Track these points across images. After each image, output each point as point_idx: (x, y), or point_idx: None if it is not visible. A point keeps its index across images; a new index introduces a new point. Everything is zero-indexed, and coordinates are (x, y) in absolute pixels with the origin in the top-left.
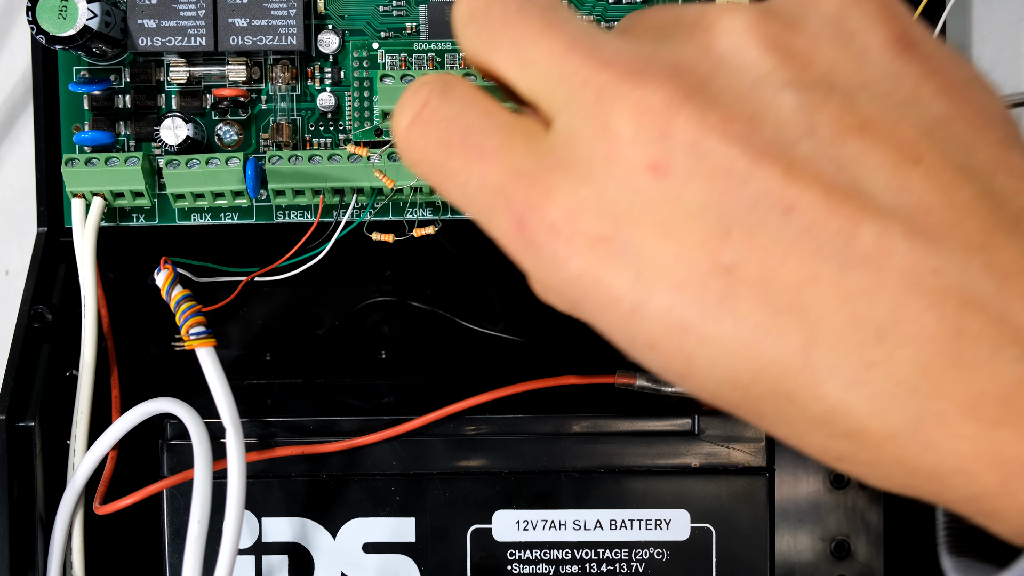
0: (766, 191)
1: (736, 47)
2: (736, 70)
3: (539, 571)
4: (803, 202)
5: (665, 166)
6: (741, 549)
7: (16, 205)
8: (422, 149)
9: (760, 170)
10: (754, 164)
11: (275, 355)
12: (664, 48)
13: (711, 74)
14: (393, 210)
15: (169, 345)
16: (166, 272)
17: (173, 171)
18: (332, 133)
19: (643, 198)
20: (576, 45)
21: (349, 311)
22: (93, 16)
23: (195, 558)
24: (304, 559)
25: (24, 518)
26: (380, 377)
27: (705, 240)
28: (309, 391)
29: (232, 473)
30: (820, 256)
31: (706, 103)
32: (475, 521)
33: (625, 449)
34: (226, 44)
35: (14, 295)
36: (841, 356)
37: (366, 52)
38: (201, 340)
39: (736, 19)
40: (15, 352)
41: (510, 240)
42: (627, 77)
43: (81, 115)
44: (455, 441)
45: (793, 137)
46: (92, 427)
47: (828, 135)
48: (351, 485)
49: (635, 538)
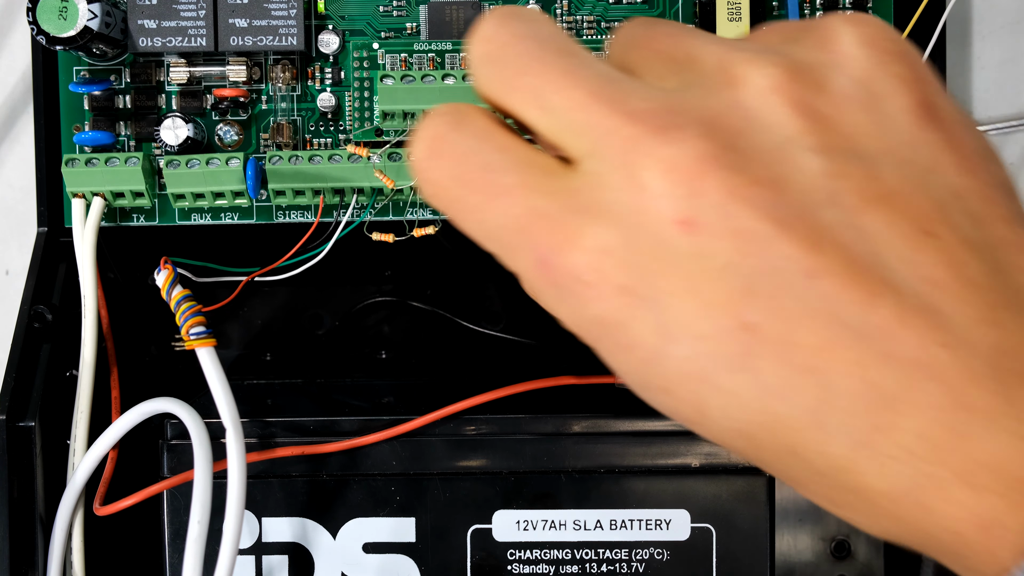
0: (790, 256)
1: (764, 106)
2: (764, 130)
3: (539, 571)
4: (825, 270)
5: (694, 222)
6: (741, 549)
7: (16, 205)
8: (438, 183)
9: (785, 235)
10: (779, 229)
11: (275, 355)
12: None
13: (740, 131)
14: (393, 210)
15: (169, 345)
16: (166, 272)
17: (173, 171)
18: (332, 133)
19: (670, 251)
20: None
21: (349, 311)
22: (93, 17)
23: (195, 558)
24: (304, 559)
25: (24, 518)
26: (380, 377)
27: (729, 297)
28: (309, 391)
29: (232, 473)
30: (838, 323)
31: (735, 163)
32: (475, 521)
33: (625, 449)
34: (226, 44)
35: (14, 295)
36: (850, 418)
37: (366, 52)
38: (201, 340)
39: (765, 77)
40: (15, 352)
41: (531, 278)
42: (656, 131)
43: (81, 115)
44: (455, 441)
45: (817, 204)
46: (92, 427)
47: (851, 204)
48: (351, 485)
49: (635, 538)
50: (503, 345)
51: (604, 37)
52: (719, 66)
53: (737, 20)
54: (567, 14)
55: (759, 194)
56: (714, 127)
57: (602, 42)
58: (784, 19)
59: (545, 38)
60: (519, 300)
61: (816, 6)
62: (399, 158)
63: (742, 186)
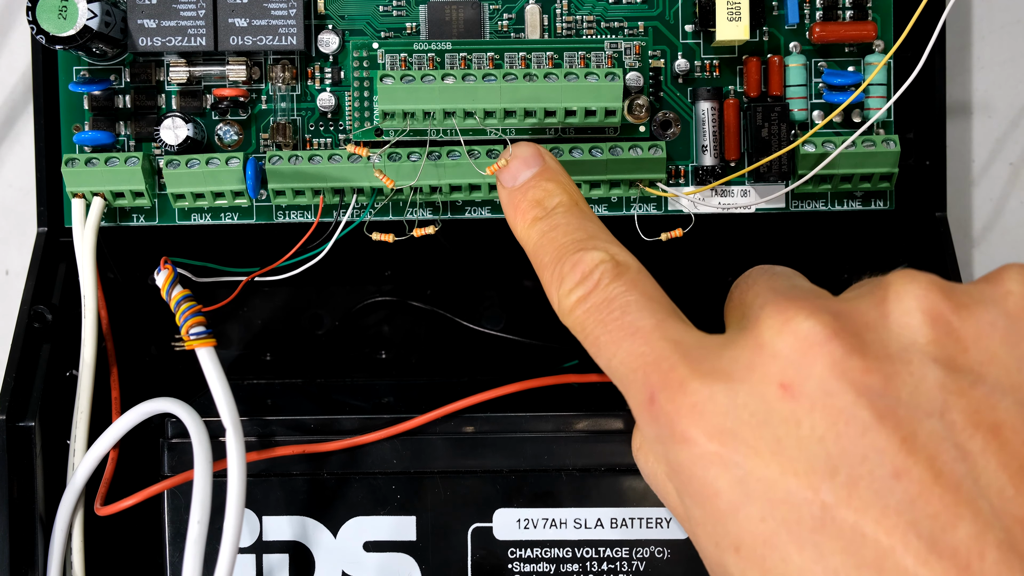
0: (881, 449)
1: (903, 309)
2: (896, 329)
3: (540, 570)
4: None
5: (796, 389)
6: None
7: (16, 205)
8: (583, 323)
9: (881, 428)
10: (877, 420)
11: (275, 355)
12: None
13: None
14: (393, 210)
15: (169, 345)
16: (166, 272)
17: (173, 171)
18: (332, 133)
19: (767, 411)
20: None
21: (349, 311)
22: (93, 16)
23: (195, 557)
24: (305, 558)
25: (24, 518)
26: (380, 377)
27: (811, 470)
28: (309, 391)
29: (232, 472)
30: (914, 531)
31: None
32: (476, 520)
33: (625, 448)
34: (226, 44)
35: (14, 295)
36: None
37: (366, 52)
38: (201, 340)
39: (913, 285)
40: (15, 352)
41: (639, 414)
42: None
43: (81, 115)
44: (456, 440)
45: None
46: (92, 427)
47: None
48: (352, 484)
49: (636, 536)
50: (503, 345)
51: (604, 37)
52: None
53: (737, 20)
54: (567, 14)
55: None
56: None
57: (602, 42)
58: (784, 20)
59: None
60: (519, 300)
61: (816, 7)
62: (399, 158)
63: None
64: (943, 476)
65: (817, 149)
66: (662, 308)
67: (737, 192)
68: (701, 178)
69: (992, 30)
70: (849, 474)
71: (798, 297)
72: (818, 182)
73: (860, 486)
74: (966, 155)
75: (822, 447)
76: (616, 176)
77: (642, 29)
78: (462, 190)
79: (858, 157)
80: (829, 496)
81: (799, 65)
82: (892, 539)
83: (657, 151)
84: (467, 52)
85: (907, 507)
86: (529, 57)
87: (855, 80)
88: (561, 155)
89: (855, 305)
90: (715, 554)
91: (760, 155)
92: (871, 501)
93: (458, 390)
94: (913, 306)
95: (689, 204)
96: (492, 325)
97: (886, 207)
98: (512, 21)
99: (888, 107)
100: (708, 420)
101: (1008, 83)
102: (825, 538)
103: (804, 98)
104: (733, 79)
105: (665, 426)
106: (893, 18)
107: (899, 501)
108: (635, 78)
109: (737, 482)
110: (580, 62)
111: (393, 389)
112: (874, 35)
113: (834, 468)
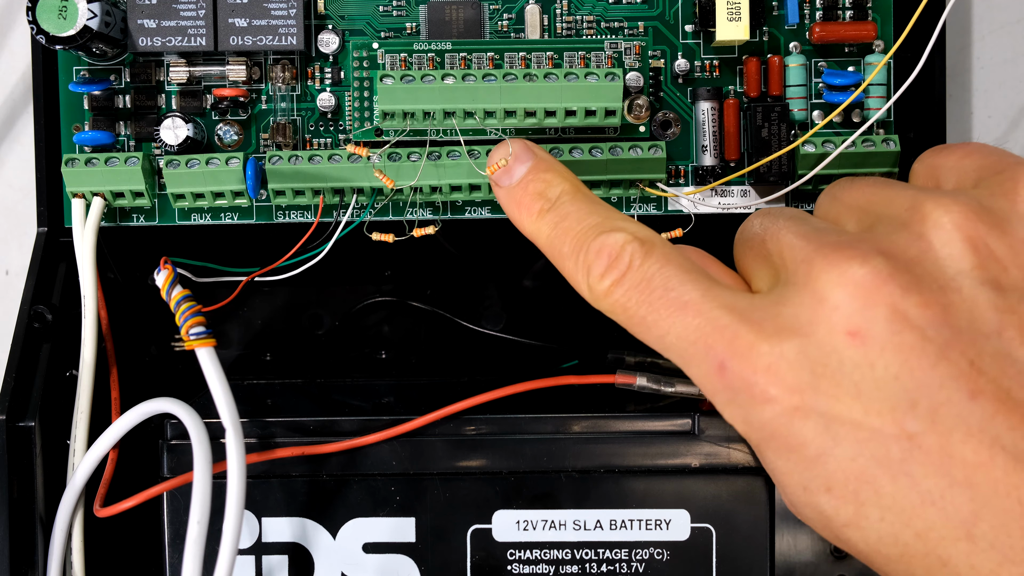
0: (955, 375)
1: (943, 239)
2: (941, 260)
3: (539, 571)
4: (988, 393)
5: (864, 334)
6: (741, 549)
7: (16, 205)
8: (623, 305)
9: (951, 355)
10: (945, 348)
11: (275, 355)
12: (877, 233)
13: (918, 260)
14: (393, 210)
15: (169, 345)
16: (166, 272)
17: (173, 171)
18: (332, 133)
19: (840, 359)
20: (803, 235)
21: (349, 311)
22: (93, 16)
23: (195, 558)
24: (304, 559)
25: (24, 518)
26: (380, 377)
27: (893, 407)
28: (309, 391)
29: (232, 473)
30: (997, 445)
31: (909, 284)
32: (475, 521)
33: (625, 449)
34: (226, 44)
35: (14, 295)
36: (1001, 535)
37: (366, 52)
38: (201, 340)
39: (949, 213)
40: (15, 352)
41: (708, 382)
42: (842, 256)
43: (81, 115)
44: (455, 441)
45: (983, 332)
46: (92, 427)
47: (1013, 338)
48: (351, 485)
49: (635, 538)
50: (503, 345)
51: (604, 37)
52: (910, 205)
53: (737, 20)
54: (567, 14)
55: (927, 315)
56: (894, 252)
57: (602, 42)
58: (784, 20)
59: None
60: (519, 300)
61: (816, 7)
62: (399, 158)
63: (912, 306)
64: (1011, 392)
65: (817, 149)
66: (701, 277)
67: (737, 192)
68: (701, 178)
69: (992, 30)
70: (928, 403)
71: (840, 244)
72: (818, 182)
73: (940, 412)
74: None
75: (898, 383)
76: (616, 176)
77: (642, 29)
78: (462, 190)
79: (858, 157)
80: (914, 426)
81: (799, 65)
82: (979, 455)
83: (657, 151)
84: (467, 52)
85: (988, 423)
86: (529, 57)
87: (855, 80)
88: (561, 155)
89: (894, 241)
90: (804, 496)
91: (760, 155)
92: (953, 424)
93: (458, 390)
94: (954, 236)
95: (689, 204)
96: (492, 325)
97: None
98: (512, 21)
99: (888, 107)
100: (785, 377)
101: (1008, 83)
102: (915, 465)
103: (804, 98)
104: (733, 79)
105: (742, 390)
106: (893, 18)
107: (980, 419)
108: (635, 78)
109: (823, 429)
110: (580, 62)
111: (393, 389)
112: (874, 35)
113: (913, 400)
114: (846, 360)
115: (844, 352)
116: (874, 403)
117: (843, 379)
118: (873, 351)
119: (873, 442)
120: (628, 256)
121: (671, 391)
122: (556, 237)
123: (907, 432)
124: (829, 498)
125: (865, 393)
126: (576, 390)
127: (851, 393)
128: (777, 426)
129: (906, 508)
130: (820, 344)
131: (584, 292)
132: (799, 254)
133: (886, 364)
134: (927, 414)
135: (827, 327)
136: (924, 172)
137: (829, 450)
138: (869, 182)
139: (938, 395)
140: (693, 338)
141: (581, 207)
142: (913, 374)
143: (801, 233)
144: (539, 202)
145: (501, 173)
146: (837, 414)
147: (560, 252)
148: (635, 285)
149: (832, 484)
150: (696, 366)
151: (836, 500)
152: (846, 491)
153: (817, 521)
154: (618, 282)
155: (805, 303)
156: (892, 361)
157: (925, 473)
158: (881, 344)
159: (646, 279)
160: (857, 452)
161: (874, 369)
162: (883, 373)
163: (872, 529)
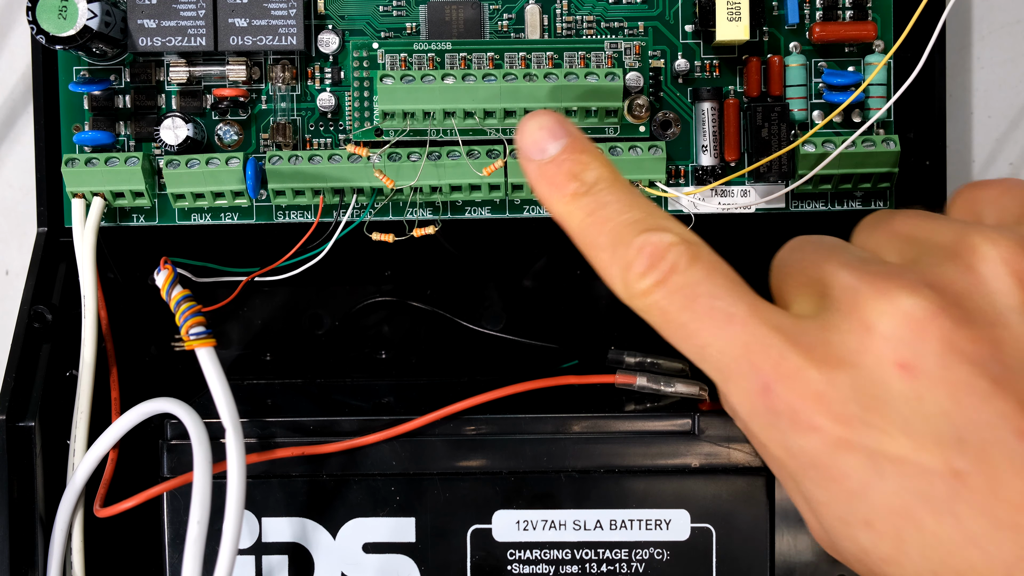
0: (1004, 414)
1: (992, 274)
2: (990, 295)
3: (539, 571)
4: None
5: (914, 367)
6: (741, 549)
7: (16, 205)
8: (663, 309)
9: (1000, 393)
10: (995, 387)
11: (275, 355)
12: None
13: (967, 293)
14: (393, 210)
15: (169, 345)
16: (166, 272)
17: (173, 171)
18: (332, 133)
19: (888, 391)
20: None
21: (349, 311)
22: (93, 16)
23: (195, 558)
24: (304, 559)
25: (24, 518)
26: (380, 377)
27: (940, 442)
28: (309, 391)
29: (232, 473)
30: None
31: (959, 319)
32: (475, 521)
33: (625, 449)
34: (226, 44)
35: (14, 295)
36: None
37: (366, 52)
38: (201, 340)
39: (996, 247)
40: (15, 352)
41: (748, 401)
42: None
43: (81, 115)
44: (455, 441)
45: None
46: (92, 427)
47: None
48: (351, 485)
49: (635, 538)
50: (503, 345)
51: (604, 37)
52: (956, 238)
53: (737, 20)
54: (567, 14)
55: (978, 351)
56: (942, 286)
57: (602, 42)
58: (784, 20)
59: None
60: (519, 300)
61: (816, 7)
62: (399, 158)
63: (962, 340)
64: None
65: (817, 149)
66: (748, 291)
67: (737, 192)
68: (701, 178)
69: (992, 30)
70: (977, 441)
71: (887, 274)
72: (818, 182)
73: (989, 451)
74: (966, 155)
75: (947, 420)
76: None
77: (642, 29)
78: (462, 190)
79: (858, 157)
80: (961, 464)
81: (799, 65)
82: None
83: (657, 151)
84: (467, 52)
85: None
86: (529, 57)
87: (855, 80)
88: None
89: (942, 273)
90: (842, 529)
91: (760, 155)
92: (1002, 463)
93: (458, 390)
94: (1003, 270)
95: (689, 204)
96: (492, 325)
97: (886, 207)
98: (512, 21)
99: (888, 107)
100: (833, 407)
101: (1008, 83)
102: (961, 504)
103: (804, 98)
104: (733, 79)
105: (785, 415)
106: (893, 18)
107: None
108: (635, 78)
109: (868, 462)
110: (580, 62)
111: (393, 389)
112: (874, 35)
113: (961, 438)
114: (895, 393)
115: (893, 384)
116: (921, 438)
117: (891, 412)
118: (923, 385)
119: (918, 478)
120: (673, 258)
121: (671, 391)
122: (591, 226)
123: (954, 469)
124: (868, 533)
125: (913, 427)
126: (576, 390)
127: (899, 427)
128: (819, 456)
129: (948, 547)
130: (870, 375)
131: (618, 288)
132: (845, 281)
133: (936, 399)
134: (975, 452)
135: (876, 357)
136: (963, 205)
137: (873, 484)
138: (910, 214)
139: (987, 433)
140: (737, 354)
141: (622, 198)
142: (963, 411)
143: (845, 262)
144: (573, 183)
145: (531, 145)
146: (884, 448)
147: (594, 242)
148: (678, 289)
149: (873, 518)
150: (736, 383)
151: (876, 535)
152: (887, 526)
153: (853, 555)
154: (660, 284)
155: (853, 331)
156: (942, 396)
157: (970, 513)
158: (932, 378)
159: (690, 285)
160: (901, 487)
161: (923, 403)
162: (933, 408)
163: (911, 566)
